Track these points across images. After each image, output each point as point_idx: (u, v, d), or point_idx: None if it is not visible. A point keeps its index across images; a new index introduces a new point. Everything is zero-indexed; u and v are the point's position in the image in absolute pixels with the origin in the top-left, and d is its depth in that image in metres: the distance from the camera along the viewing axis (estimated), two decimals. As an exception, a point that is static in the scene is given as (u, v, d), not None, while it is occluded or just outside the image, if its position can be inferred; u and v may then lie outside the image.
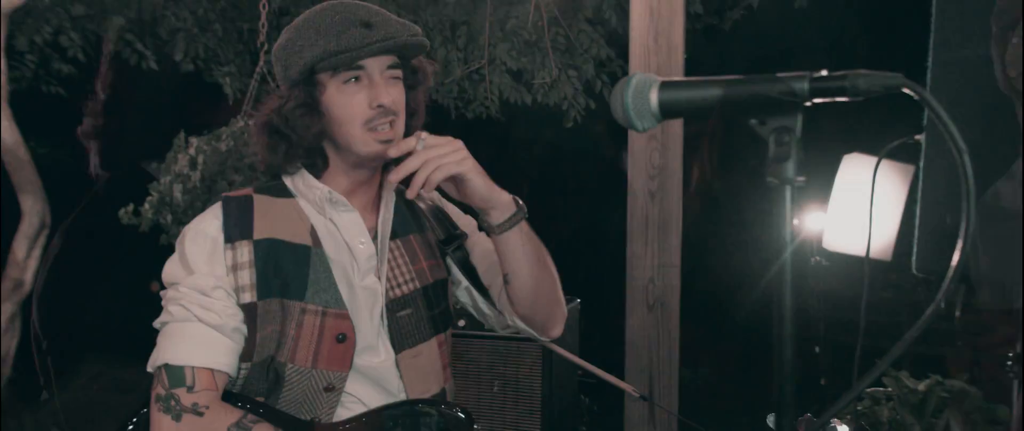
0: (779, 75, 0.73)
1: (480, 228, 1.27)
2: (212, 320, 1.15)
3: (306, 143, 1.21)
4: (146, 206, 2.79)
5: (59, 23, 4.20)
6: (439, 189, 1.21)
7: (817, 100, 0.74)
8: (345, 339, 1.19)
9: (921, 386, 2.43)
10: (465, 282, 1.38)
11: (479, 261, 1.38)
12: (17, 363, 3.56)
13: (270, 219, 1.22)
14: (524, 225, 1.23)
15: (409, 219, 1.34)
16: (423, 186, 1.12)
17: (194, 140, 2.79)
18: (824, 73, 0.72)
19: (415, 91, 1.29)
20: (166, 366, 1.14)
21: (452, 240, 1.36)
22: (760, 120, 0.75)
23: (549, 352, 2.51)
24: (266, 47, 2.98)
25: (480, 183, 1.17)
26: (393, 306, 1.25)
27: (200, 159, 2.69)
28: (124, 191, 3.06)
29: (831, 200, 3.08)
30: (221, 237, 1.19)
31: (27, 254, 3.56)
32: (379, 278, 1.25)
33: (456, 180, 1.16)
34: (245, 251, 1.18)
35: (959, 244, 0.73)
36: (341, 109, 1.19)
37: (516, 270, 1.25)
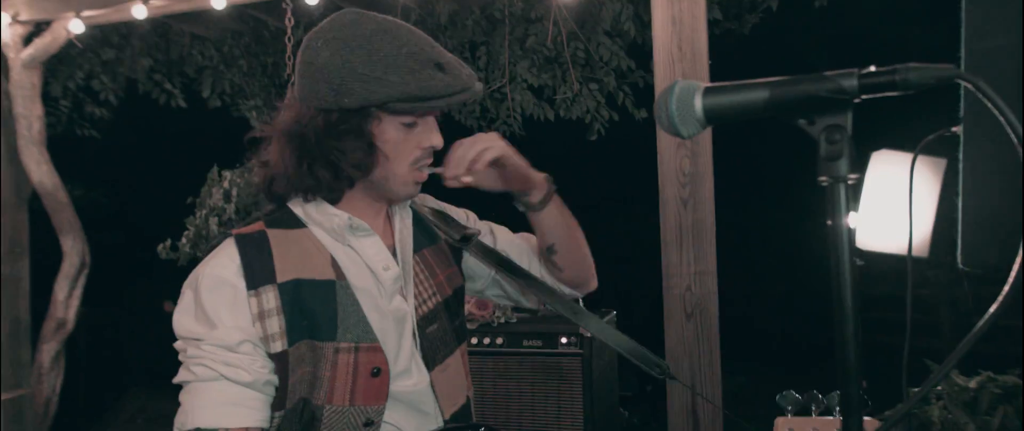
0: (826, 73, 0.73)
1: (522, 210, 1.32)
2: (242, 378, 1.08)
3: (354, 174, 1.15)
4: (183, 240, 2.84)
5: (90, 68, 4.32)
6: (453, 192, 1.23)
7: (866, 96, 0.73)
8: (380, 373, 1.15)
9: (972, 383, 2.38)
10: (491, 273, 1.37)
11: (507, 248, 1.39)
12: (62, 401, 3.63)
13: (290, 256, 1.14)
14: (557, 197, 1.31)
15: (420, 233, 1.31)
16: (472, 164, 1.17)
17: (227, 174, 2.84)
18: (872, 69, 0.72)
19: None
20: (198, 430, 1.08)
21: (469, 237, 1.33)
22: (809, 120, 0.75)
23: (590, 365, 2.50)
24: (293, 80, 3.03)
25: (520, 164, 1.23)
26: (423, 323, 1.23)
27: (234, 192, 2.74)
28: (161, 227, 3.12)
29: (863, 199, 3.05)
30: (242, 283, 1.10)
31: (68, 294, 3.64)
32: (405, 297, 1.22)
33: (499, 164, 1.21)
34: (271, 297, 1.10)
35: None
36: (393, 147, 1.15)
37: (559, 238, 1.33)
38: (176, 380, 1.12)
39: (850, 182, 0.74)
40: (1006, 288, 0.70)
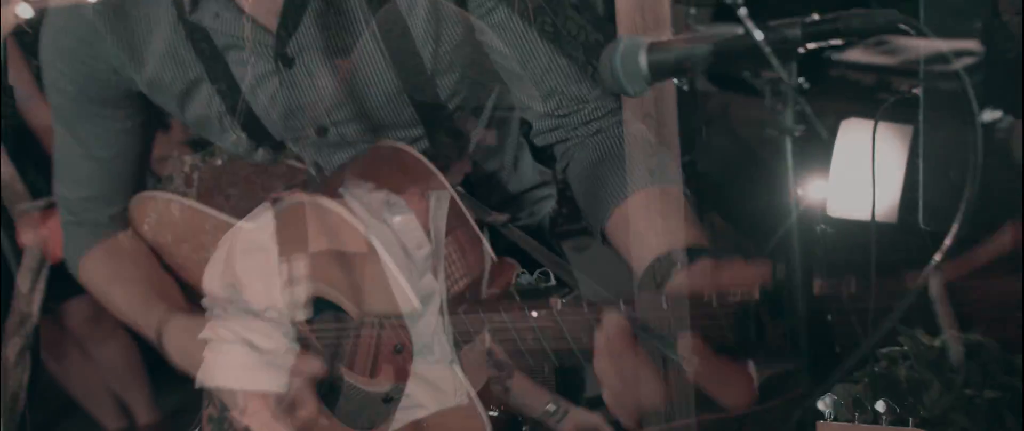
0: (770, 24, 0.72)
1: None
2: (264, 344, 1.13)
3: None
4: (145, 227, 2.78)
5: (45, 54, 4.21)
6: None
7: (810, 45, 0.72)
8: (402, 349, 1.17)
9: (937, 342, 2.42)
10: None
11: None
12: (30, 396, 3.57)
13: (324, 228, 1.18)
14: None
15: (453, 212, 1.32)
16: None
17: (188, 158, 2.78)
18: (816, 17, 0.71)
19: None
20: (217, 388, 1.16)
21: (503, 222, 1.35)
22: (754, 72, 0.74)
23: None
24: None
25: None
26: (453, 303, 1.24)
27: (195, 176, 2.69)
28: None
29: (832, 167, 3.07)
30: (275, 249, 1.16)
31: (31, 287, 3.56)
32: (435, 276, 1.22)
33: None
34: (301, 265, 1.15)
35: (968, 183, 0.71)
36: None
37: None
38: (201, 336, 1.17)
39: (797, 135, 0.73)
40: (944, 244, 0.69)
